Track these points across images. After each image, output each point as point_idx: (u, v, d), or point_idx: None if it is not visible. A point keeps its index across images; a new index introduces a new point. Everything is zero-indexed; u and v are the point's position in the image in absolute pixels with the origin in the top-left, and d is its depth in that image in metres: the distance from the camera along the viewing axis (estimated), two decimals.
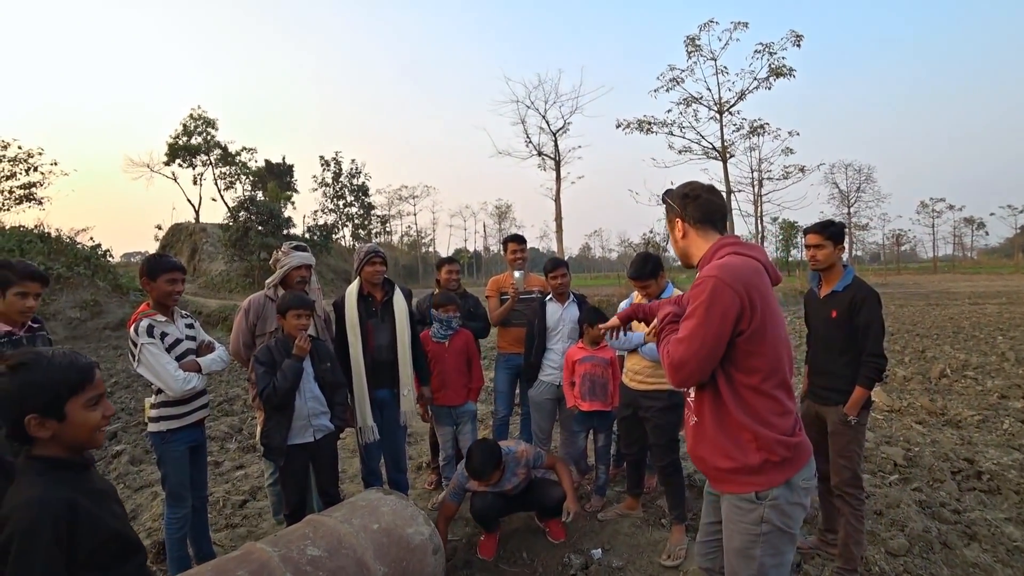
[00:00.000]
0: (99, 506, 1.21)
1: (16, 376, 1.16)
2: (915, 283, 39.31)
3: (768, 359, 1.55)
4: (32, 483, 1.15)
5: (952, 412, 5.38)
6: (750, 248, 1.65)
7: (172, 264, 2.64)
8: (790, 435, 1.58)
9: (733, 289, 1.50)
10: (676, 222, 1.75)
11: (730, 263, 1.55)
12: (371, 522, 2.33)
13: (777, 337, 1.57)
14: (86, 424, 1.22)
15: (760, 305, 1.52)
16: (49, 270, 15.23)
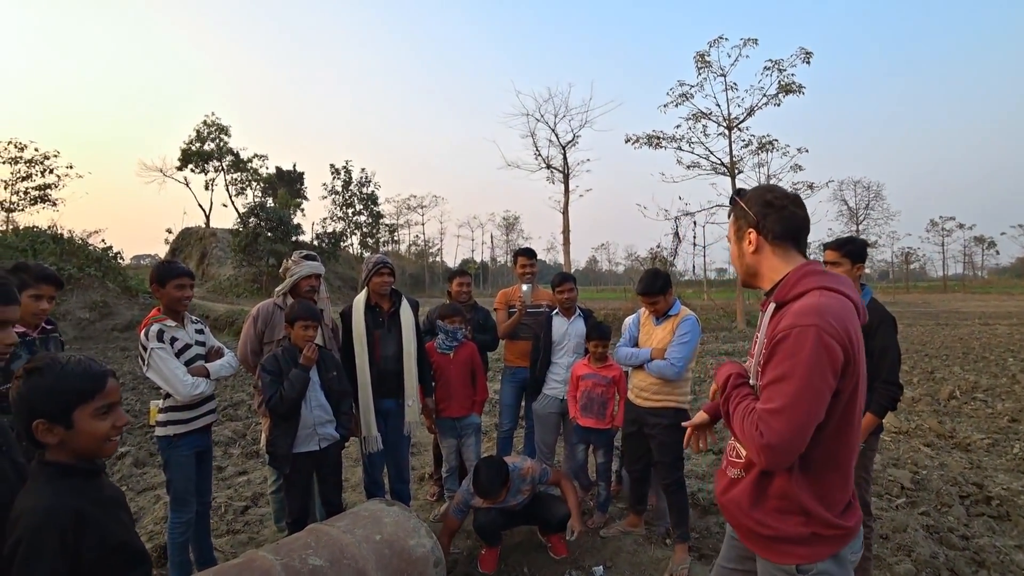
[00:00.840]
0: (107, 515, 1.22)
1: (28, 380, 1.19)
2: (924, 302, 38.95)
3: (853, 421, 1.31)
4: (41, 490, 1.17)
5: (961, 435, 5.32)
6: (838, 280, 1.36)
7: (181, 270, 2.67)
8: (845, 510, 1.38)
9: (838, 340, 1.23)
10: (748, 233, 1.48)
11: (828, 306, 1.27)
12: (373, 533, 2.33)
13: (856, 403, 1.32)
14: (93, 433, 1.23)
15: (857, 358, 1.27)
16: (61, 271, 15.43)
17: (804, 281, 1.35)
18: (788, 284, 1.38)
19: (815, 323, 1.23)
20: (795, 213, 1.44)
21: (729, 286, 35.26)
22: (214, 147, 36.38)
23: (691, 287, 42.87)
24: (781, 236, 1.44)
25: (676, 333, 3.01)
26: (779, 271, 1.44)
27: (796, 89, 18.88)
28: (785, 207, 1.44)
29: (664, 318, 3.11)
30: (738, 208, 1.52)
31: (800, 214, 1.45)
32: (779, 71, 18.83)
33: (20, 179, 21.76)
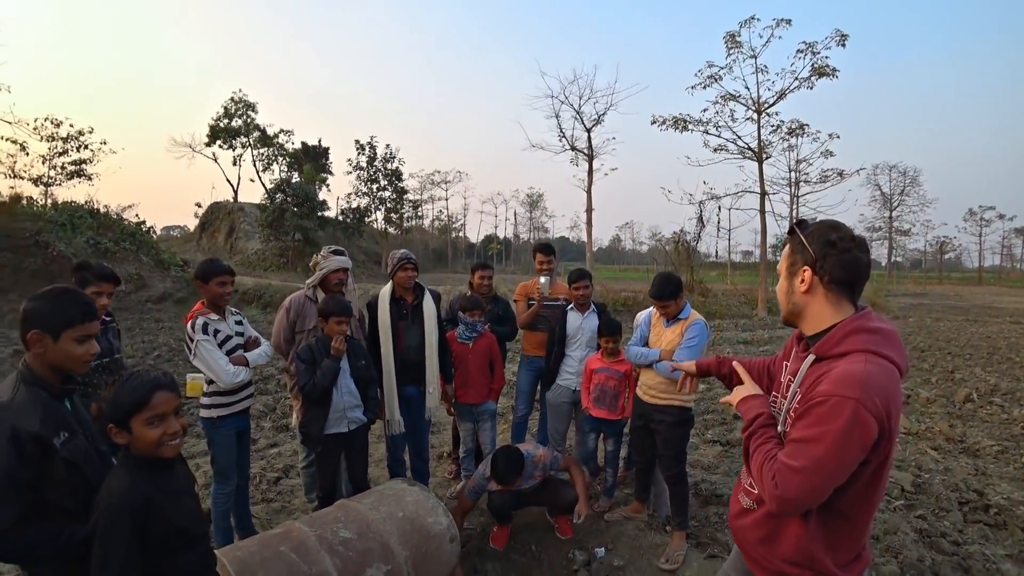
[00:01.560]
0: (172, 503, 1.47)
1: (107, 394, 1.47)
2: (956, 294, 37.87)
3: (877, 488, 1.32)
4: (121, 478, 1.44)
5: (971, 440, 5.32)
6: (887, 342, 1.30)
7: (223, 268, 2.94)
8: (850, 563, 1.39)
9: (875, 416, 1.20)
10: (803, 271, 1.39)
11: (873, 376, 1.22)
12: (396, 510, 2.58)
13: (884, 472, 1.32)
14: (146, 439, 1.45)
15: (892, 428, 1.24)
16: (98, 245, 16.08)
17: (850, 339, 1.30)
18: (833, 339, 1.33)
19: (856, 397, 1.19)
20: (858, 258, 1.35)
21: (753, 270, 34.73)
22: (241, 123, 36.95)
23: (715, 269, 42.47)
24: (838, 281, 1.36)
25: (684, 336, 3.15)
26: (826, 319, 1.37)
27: (830, 72, 18.31)
28: (849, 250, 1.34)
29: (674, 321, 3.25)
30: (796, 241, 1.43)
31: (864, 260, 1.36)
32: (812, 54, 18.27)
33: (57, 154, 22.49)
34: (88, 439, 1.62)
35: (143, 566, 1.38)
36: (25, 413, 1.47)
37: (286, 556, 2.06)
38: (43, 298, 1.58)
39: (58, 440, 1.50)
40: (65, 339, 1.56)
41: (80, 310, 1.60)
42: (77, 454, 1.54)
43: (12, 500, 1.38)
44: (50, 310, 1.56)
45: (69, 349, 1.57)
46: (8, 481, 1.38)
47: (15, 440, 1.41)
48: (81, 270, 2.56)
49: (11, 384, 1.55)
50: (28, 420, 1.45)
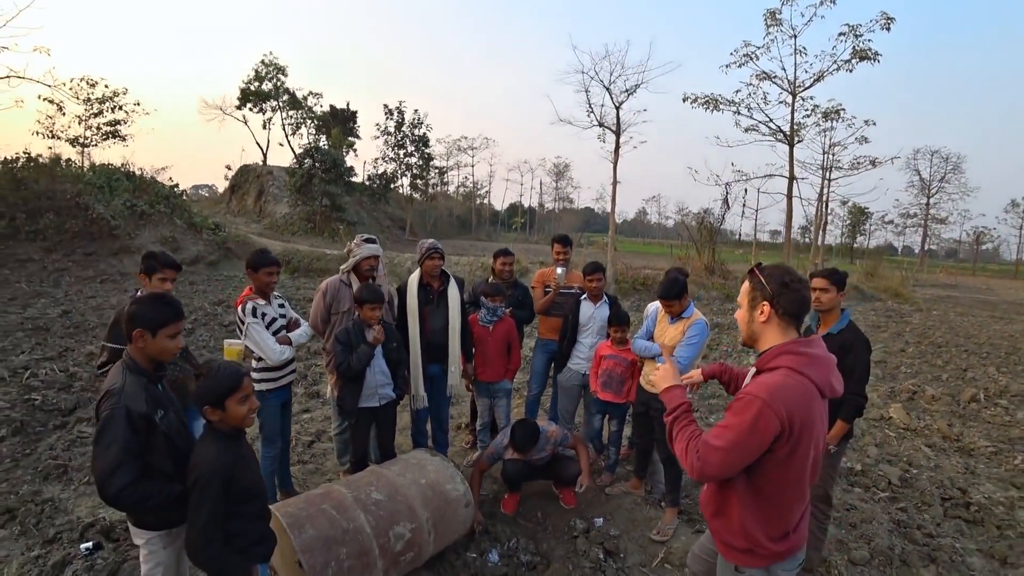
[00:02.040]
0: (244, 466, 1.88)
1: (201, 382, 1.83)
2: (988, 288, 36.84)
3: (788, 476, 1.64)
4: (210, 447, 1.84)
5: (967, 440, 5.48)
6: (814, 364, 1.62)
7: (271, 260, 3.30)
8: (779, 539, 1.70)
9: (777, 416, 1.52)
10: (762, 305, 1.68)
11: (782, 386, 1.56)
12: (419, 477, 2.95)
13: (803, 462, 1.63)
14: (238, 414, 1.85)
15: (798, 432, 1.56)
16: (134, 207, 16.69)
17: (780, 359, 1.63)
18: (769, 357, 1.66)
19: (764, 398, 1.54)
20: (805, 297, 1.67)
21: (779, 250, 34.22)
22: (272, 87, 37.15)
23: (740, 248, 41.92)
24: (789, 314, 1.66)
25: (686, 334, 3.41)
26: (775, 341, 1.67)
27: (872, 56, 17.67)
28: (799, 290, 1.65)
29: (678, 319, 3.50)
30: (756, 280, 1.72)
31: (807, 296, 1.69)
32: (855, 36, 17.61)
33: (92, 115, 23.00)
34: (176, 415, 2.01)
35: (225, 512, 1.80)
36: (134, 396, 1.84)
37: (328, 512, 2.45)
38: (143, 302, 1.96)
39: (158, 416, 1.88)
40: (161, 336, 1.93)
41: (173, 312, 1.96)
42: (171, 427, 1.93)
43: (128, 465, 1.77)
44: (150, 312, 1.92)
45: (163, 344, 1.94)
46: (124, 451, 1.76)
47: (128, 418, 1.79)
48: (149, 259, 2.92)
49: (119, 372, 1.91)
50: (137, 402, 1.83)
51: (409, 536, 2.64)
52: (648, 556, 3.23)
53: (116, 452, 1.74)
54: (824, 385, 1.63)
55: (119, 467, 1.74)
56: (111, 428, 1.76)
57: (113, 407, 1.78)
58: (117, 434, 1.75)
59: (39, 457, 4.11)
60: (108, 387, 1.86)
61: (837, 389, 1.68)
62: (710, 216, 22.82)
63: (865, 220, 56.39)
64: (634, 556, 3.22)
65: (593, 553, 3.16)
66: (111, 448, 1.74)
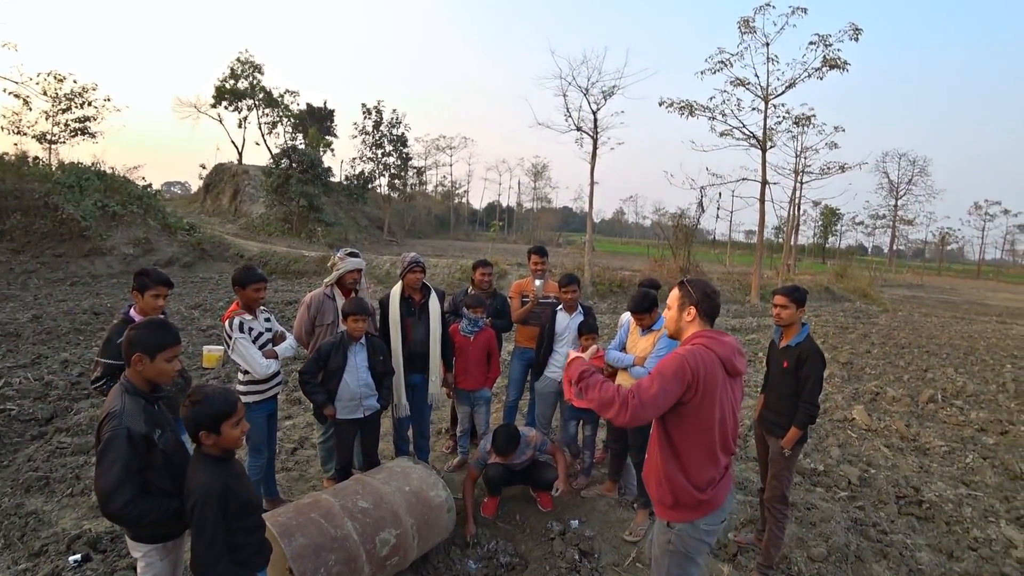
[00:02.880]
0: (238, 484, 1.95)
1: (195, 408, 1.87)
2: (952, 288, 38.27)
3: (698, 427, 2.04)
4: (204, 471, 1.90)
5: (923, 440, 5.77)
6: (720, 344, 2.11)
7: (259, 276, 3.35)
8: (700, 489, 2.08)
9: (691, 368, 1.98)
10: (689, 308, 2.19)
11: (697, 355, 2.03)
12: (404, 484, 3.07)
13: (710, 415, 2.04)
14: (232, 437, 1.93)
15: (702, 389, 2.00)
16: (105, 207, 16.32)
17: (696, 339, 2.13)
18: (688, 339, 2.18)
19: (685, 355, 2.03)
20: (717, 305, 2.22)
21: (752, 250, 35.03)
22: (247, 85, 36.62)
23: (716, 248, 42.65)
24: (707, 315, 2.20)
25: (656, 346, 3.59)
26: (692, 333, 2.19)
27: (841, 65, 18.28)
28: (713, 299, 2.21)
29: (648, 331, 3.69)
30: (685, 290, 2.24)
31: (718, 303, 2.23)
32: (825, 46, 18.20)
33: (61, 111, 22.31)
34: (172, 433, 2.09)
35: (226, 528, 1.89)
36: (134, 417, 1.92)
37: (316, 521, 2.55)
38: (143, 328, 2.05)
39: (156, 436, 1.97)
40: (159, 359, 2.02)
41: (171, 337, 2.05)
42: (168, 445, 2.02)
43: (129, 483, 1.85)
44: (149, 337, 2.01)
45: (161, 367, 2.02)
46: (125, 470, 1.85)
47: (130, 439, 1.88)
48: (142, 276, 2.97)
49: (118, 395, 1.99)
50: (137, 423, 1.92)
51: (394, 542, 2.76)
52: (621, 556, 3.40)
53: (118, 471, 1.82)
54: (727, 360, 2.08)
55: (121, 485, 1.82)
56: (113, 448, 1.85)
57: (115, 428, 1.87)
58: (119, 454, 1.84)
59: (19, 469, 4.11)
60: (109, 409, 1.94)
61: (739, 367, 2.13)
62: (686, 218, 23.28)
63: (836, 221, 58.07)
64: (608, 556, 3.39)
65: (569, 554, 3.32)
66: (113, 467, 1.83)
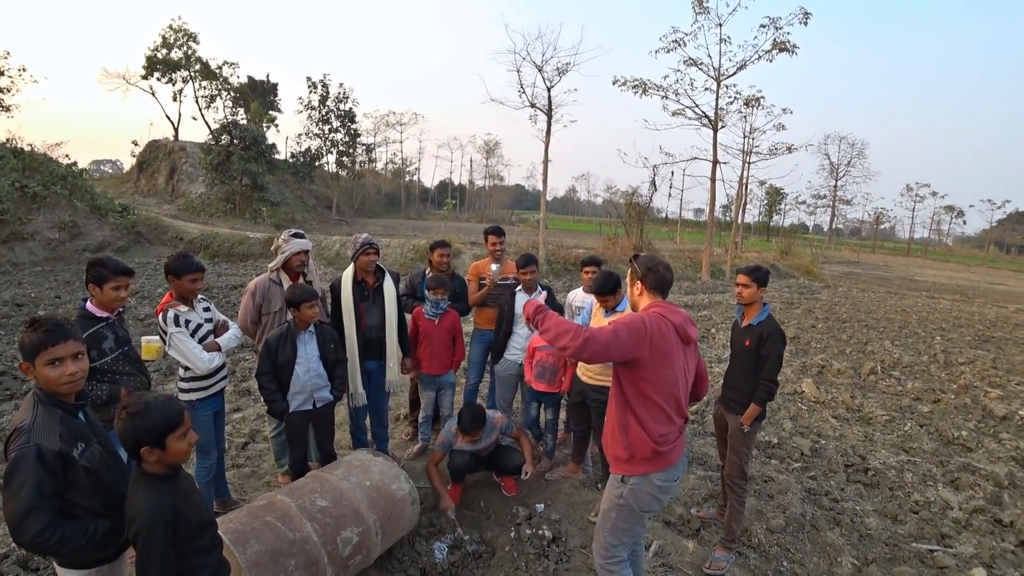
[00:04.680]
0: (187, 502, 1.71)
1: (133, 421, 1.61)
2: (885, 264, 40.73)
3: (654, 382, 2.19)
4: (147, 493, 1.65)
5: (866, 410, 6.08)
6: (673, 313, 2.28)
7: (196, 265, 3.00)
8: (657, 443, 2.20)
9: (646, 329, 2.15)
10: (637, 283, 2.37)
11: (651, 317, 2.21)
12: (364, 479, 2.92)
13: (665, 373, 2.20)
14: (179, 451, 1.68)
15: (657, 348, 2.16)
16: (24, 189, 14.95)
17: (648, 308, 2.29)
18: (645, 308, 2.31)
19: (641, 317, 2.19)
20: (664, 276, 2.33)
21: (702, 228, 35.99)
22: (181, 55, 34.15)
23: (666, 226, 43.57)
24: (654, 288, 2.34)
25: None
26: (646, 303, 2.33)
27: (790, 48, 18.76)
28: (659, 271, 2.33)
29: (612, 312, 3.64)
30: (632, 266, 2.40)
31: (668, 277, 2.34)
32: (776, 29, 18.60)
33: None
34: (101, 444, 1.84)
35: (177, 553, 1.66)
36: (45, 433, 1.67)
37: (272, 525, 2.38)
38: (24, 329, 1.74)
39: (77, 451, 1.72)
40: (39, 365, 1.72)
41: (42, 337, 1.71)
42: (94, 460, 1.77)
43: (42, 508, 1.61)
44: (26, 340, 1.72)
45: (44, 373, 1.72)
46: (37, 493, 1.60)
47: (40, 458, 1.62)
48: (97, 267, 2.58)
49: (29, 407, 1.73)
50: (49, 439, 1.66)
51: (357, 540, 2.62)
52: (588, 537, 3.38)
53: (27, 495, 1.59)
54: (679, 327, 2.23)
55: (32, 512, 1.59)
56: (21, 470, 1.60)
57: (22, 447, 1.62)
58: (27, 476, 1.60)
59: None
60: (17, 424, 1.69)
61: (691, 335, 2.28)
62: (638, 196, 23.60)
63: (780, 201, 60.50)
64: (575, 539, 3.36)
65: (536, 540, 3.28)
66: (22, 491, 1.59)
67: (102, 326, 2.58)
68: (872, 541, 3.59)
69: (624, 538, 2.34)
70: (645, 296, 2.35)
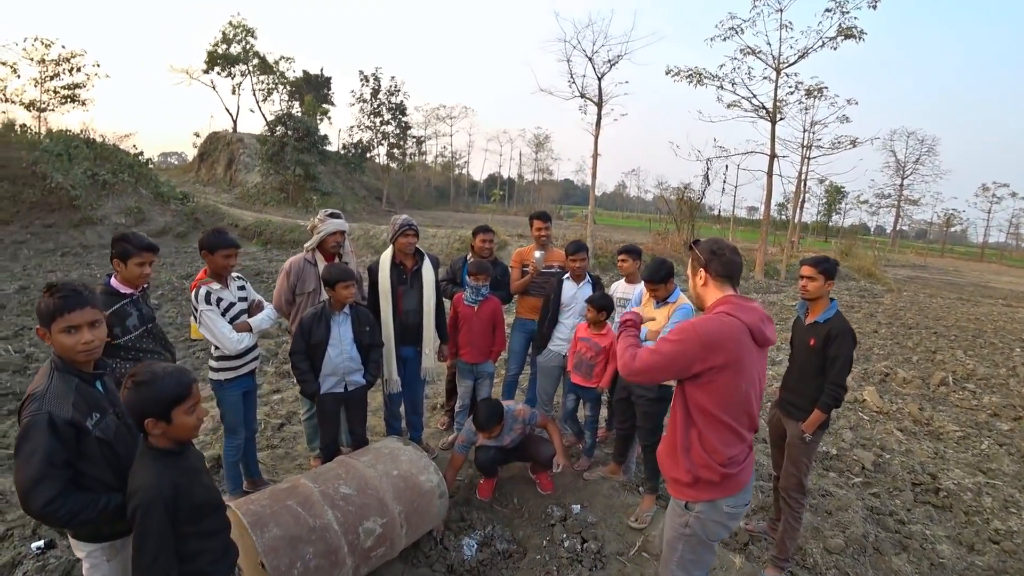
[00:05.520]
0: (192, 481, 1.65)
1: (139, 390, 1.56)
2: (955, 269, 37.94)
3: (720, 399, 1.86)
4: (149, 467, 1.59)
5: (937, 424, 5.56)
6: (746, 311, 1.89)
7: (230, 242, 2.98)
8: (724, 465, 1.89)
9: (701, 343, 1.82)
10: (699, 271, 2.01)
11: (712, 322, 1.86)
12: (392, 468, 2.82)
13: (735, 387, 1.85)
14: (186, 425, 1.62)
15: (720, 362, 1.82)
16: (96, 177, 15.87)
17: (716, 306, 1.94)
18: (713, 305, 1.97)
19: (694, 327, 1.86)
20: (732, 260, 1.98)
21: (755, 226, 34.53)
22: (240, 50, 35.56)
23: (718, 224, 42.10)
24: (721, 275, 1.98)
25: (671, 319, 3.31)
26: (715, 298, 1.98)
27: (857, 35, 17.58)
28: (724, 255, 1.98)
29: (663, 303, 3.40)
30: (693, 253, 2.06)
31: (736, 261, 1.98)
32: (842, 13, 17.48)
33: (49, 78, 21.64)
34: (118, 416, 1.79)
35: (177, 534, 1.59)
36: (58, 400, 1.62)
37: (293, 509, 2.30)
38: (43, 295, 1.69)
39: (91, 421, 1.66)
40: (55, 332, 1.67)
41: (58, 303, 1.65)
42: (108, 432, 1.71)
43: (52, 477, 1.57)
44: (42, 306, 1.67)
45: (60, 340, 1.67)
46: (47, 462, 1.56)
47: (52, 426, 1.57)
48: (121, 241, 2.58)
49: (46, 373, 1.69)
50: (62, 407, 1.61)
51: (380, 531, 2.52)
52: (626, 544, 3.18)
53: (37, 463, 1.54)
54: (754, 327, 1.87)
55: (42, 480, 1.54)
56: (32, 437, 1.56)
57: (34, 414, 1.58)
58: (38, 443, 1.55)
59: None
60: (32, 390, 1.65)
61: (769, 336, 1.92)
62: (690, 191, 22.83)
63: (841, 199, 57.33)
64: (612, 544, 3.16)
65: (570, 542, 3.10)
66: (32, 459, 1.55)
67: (126, 303, 2.56)
68: (945, 572, 3.22)
69: (695, 571, 2.05)
70: (711, 286, 1.99)
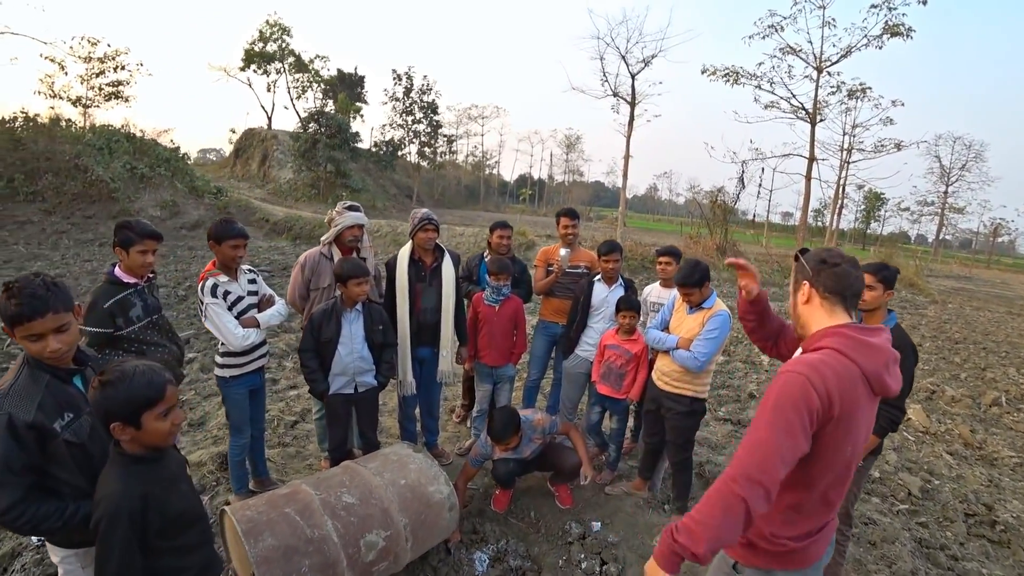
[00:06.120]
0: (168, 491, 1.50)
1: (104, 391, 1.41)
2: (1003, 281, 36.02)
3: (814, 467, 1.43)
4: (116, 476, 1.45)
5: (990, 448, 5.15)
6: (865, 350, 1.42)
7: (237, 231, 2.85)
8: (790, 539, 1.52)
9: (816, 391, 1.33)
10: (803, 285, 1.58)
11: (823, 363, 1.38)
12: (399, 477, 2.66)
13: (837, 451, 1.42)
14: (158, 432, 1.47)
15: (836, 416, 1.37)
16: (134, 170, 16.32)
17: (827, 339, 1.45)
18: (813, 339, 1.50)
19: (799, 371, 1.37)
20: (849, 273, 1.52)
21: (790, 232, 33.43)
22: (276, 49, 36.41)
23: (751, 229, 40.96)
24: (832, 292, 1.52)
25: (705, 327, 3.08)
26: (822, 324, 1.51)
27: (904, 32, 16.83)
28: (839, 265, 1.52)
29: (697, 309, 3.16)
30: (797, 263, 1.64)
31: (855, 274, 1.52)
32: (889, 10, 16.76)
33: (94, 75, 22.43)
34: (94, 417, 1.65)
35: (148, 550, 1.45)
36: (22, 401, 1.50)
37: (290, 518, 2.17)
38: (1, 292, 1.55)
39: (60, 423, 1.54)
40: (18, 336, 1.53)
41: (15, 311, 1.50)
42: (81, 434, 1.58)
43: (10, 484, 1.45)
44: (1, 307, 1.52)
45: (26, 344, 1.54)
46: (5, 468, 1.44)
47: (11, 428, 1.46)
48: (124, 229, 2.49)
49: (14, 370, 1.57)
50: (24, 407, 1.49)
51: (383, 545, 2.37)
52: None
53: None
54: (873, 376, 1.41)
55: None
56: None
57: None
58: None
59: None
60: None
61: (891, 387, 1.43)
62: (724, 194, 22.23)
63: (880, 206, 55.20)
64: (633, 568, 2.94)
65: (588, 563, 2.90)
66: None
67: (130, 292, 2.47)
68: None
69: None
70: (817, 306, 1.53)
